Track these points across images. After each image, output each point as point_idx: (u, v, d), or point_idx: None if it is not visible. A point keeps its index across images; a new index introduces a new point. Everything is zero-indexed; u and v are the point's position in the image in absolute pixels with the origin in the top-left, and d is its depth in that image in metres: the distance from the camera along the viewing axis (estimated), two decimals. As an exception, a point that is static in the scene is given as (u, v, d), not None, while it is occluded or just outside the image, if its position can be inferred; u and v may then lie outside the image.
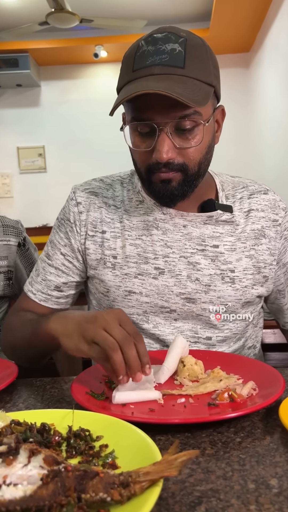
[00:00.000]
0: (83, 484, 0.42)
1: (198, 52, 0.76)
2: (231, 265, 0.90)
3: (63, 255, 0.95)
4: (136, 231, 0.91)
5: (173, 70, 0.74)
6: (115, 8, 3.95)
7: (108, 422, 0.58)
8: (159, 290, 0.89)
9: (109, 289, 0.91)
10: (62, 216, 0.97)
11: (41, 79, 4.80)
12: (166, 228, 0.90)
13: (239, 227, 0.91)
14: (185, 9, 4.14)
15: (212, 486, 0.46)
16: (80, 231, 0.93)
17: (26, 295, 0.96)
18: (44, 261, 0.96)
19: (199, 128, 0.79)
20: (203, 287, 0.89)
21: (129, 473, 0.43)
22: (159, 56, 0.75)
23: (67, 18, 3.31)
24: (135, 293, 0.90)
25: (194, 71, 0.75)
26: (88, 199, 0.94)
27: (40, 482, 0.42)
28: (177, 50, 0.75)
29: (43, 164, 4.81)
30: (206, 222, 0.90)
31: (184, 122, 0.77)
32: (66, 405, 0.71)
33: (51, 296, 0.95)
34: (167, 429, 0.59)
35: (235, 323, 0.93)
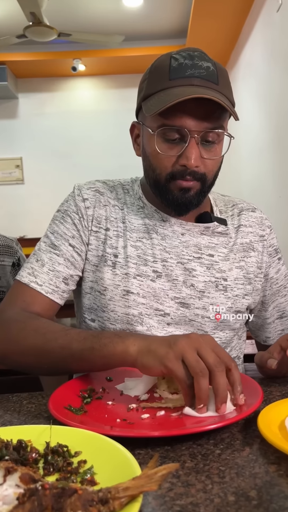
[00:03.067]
0: (61, 502, 0.41)
1: (224, 74, 0.84)
2: (224, 274, 0.94)
3: (72, 247, 0.92)
4: (137, 233, 0.93)
5: (210, 84, 0.81)
6: (93, 23, 4.00)
7: (86, 437, 0.57)
8: (156, 293, 0.91)
9: (106, 288, 0.91)
10: (66, 208, 0.95)
11: (18, 91, 4.80)
12: (165, 234, 0.93)
13: (231, 240, 0.97)
14: (162, 26, 4.23)
15: (192, 500, 0.45)
16: (88, 226, 0.93)
17: (28, 287, 0.89)
18: (49, 252, 0.92)
19: (221, 142, 0.86)
20: (198, 293, 0.92)
21: (108, 489, 0.42)
22: (197, 70, 0.81)
23: (45, 32, 3.33)
24: (132, 294, 0.90)
25: (225, 90, 0.83)
26: (94, 196, 0.95)
27: (16, 502, 0.41)
28: (211, 68, 0.82)
29: (21, 175, 4.77)
30: (203, 232, 0.94)
31: (212, 134, 0.83)
32: (43, 420, 0.69)
33: (58, 288, 0.90)
34: (147, 442, 0.59)
35: (225, 332, 0.95)
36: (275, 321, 1.03)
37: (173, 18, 4.11)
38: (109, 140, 4.64)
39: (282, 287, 1.02)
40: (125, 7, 3.81)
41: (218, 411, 0.63)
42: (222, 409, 0.62)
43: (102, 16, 3.92)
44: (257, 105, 3.62)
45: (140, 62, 4.45)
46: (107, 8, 3.79)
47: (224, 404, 0.63)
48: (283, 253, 1.05)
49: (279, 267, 1.02)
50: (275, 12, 3.00)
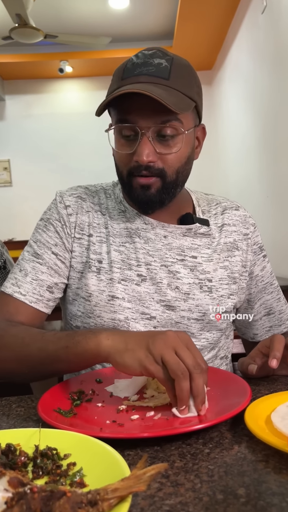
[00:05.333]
0: (49, 505, 0.41)
1: (182, 69, 0.84)
2: (208, 275, 0.94)
3: (55, 255, 0.92)
4: (120, 238, 0.93)
5: (158, 80, 0.81)
6: (79, 25, 3.99)
7: (76, 440, 0.57)
8: (141, 297, 0.91)
9: (91, 294, 0.91)
10: (48, 216, 0.95)
11: (5, 93, 4.77)
12: (148, 237, 0.93)
13: (215, 240, 0.97)
14: (149, 27, 4.25)
15: (181, 499, 0.46)
16: (70, 233, 0.93)
17: (12, 298, 0.89)
18: (32, 261, 0.92)
19: (179, 136, 0.83)
20: (183, 295, 0.92)
21: (97, 490, 0.42)
22: (146, 68, 0.82)
23: (31, 34, 3.32)
24: (118, 298, 0.90)
25: (178, 84, 0.82)
26: (77, 203, 0.95)
27: (4, 506, 0.41)
28: (164, 64, 0.82)
29: (8, 178, 4.74)
30: (185, 234, 0.94)
31: (165, 128, 0.82)
32: (33, 424, 0.69)
33: (43, 297, 0.91)
34: (136, 443, 0.59)
35: (212, 332, 0.95)
36: (262, 318, 1.04)
37: (159, 19, 4.12)
38: (97, 141, 4.63)
39: (268, 284, 1.03)
40: (112, 9, 3.82)
41: (199, 412, 0.63)
42: (203, 410, 0.64)
43: (88, 18, 3.92)
44: (244, 106, 3.65)
45: (127, 64, 4.46)
46: (93, 9, 3.79)
47: (204, 404, 0.64)
48: (272, 253, 1.07)
49: (264, 265, 1.02)
50: (260, 14, 3.03)
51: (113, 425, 0.64)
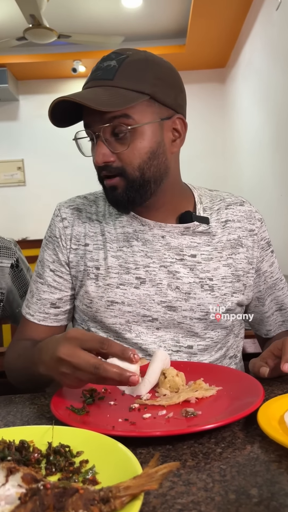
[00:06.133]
0: (62, 501, 0.41)
1: (134, 65, 0.83)
2: (209, 273, 0.92)
3: (53, 271, 0.96)
4: (117, 243, 0.93)
5: (102, 82, 0.82)
6: (92, 24, 4.01)
7: (88, 437, 0.57)
8: (141, 299, 0.91)
9: (92, 300, 0.92)
10: (49, 233, 0.99)
11: (19, 93, 4.81)
12: (146, 239, 0.92)
13: (216, 237, 0.94)
14: (162, 26, 4.24)
15: (193, 498, 0.45)
16: (66, 245, 0.96)
17: (25, 319, 0.98)
18: (36, 282, 0.98)
19: (132, 132, 0.83)
20: (183, 295, 0.91)
21: (109, 488, 0.43)
22: (95, 72, 0.84)
23: (45, 34, 3.34)
24: (117, 303, 0.91)
25: (122, 82, 0.81)
26: (73, 215, 0.97)
27: (18, 502, 0.41)
28: (112, 65, 0.82)
29: (22, 177, 4.79)
30: (184, 233, 0.93)
31: (113, 127, 0.82)
32: (46, 421, 0.69)
33: (49, 314, 0.96)
34: (148, 442, 0.59)
35: (216, 331, 0.94)
36: (274, 313, 1.02)
37: (172, 18, 4.11)
38: (110, 140, 4.64)
39: (278, 280, 1.01)
40: (125, 8, 3.82)
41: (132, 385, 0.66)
42: (133, 382, 0.65)
43: (101, 17, 3.93)
44: (257, 104, 3.62)
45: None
46: (106, 9, 3.80)
47: (132, 378, 0.65)
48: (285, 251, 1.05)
49: (273, 260, 1.01)
50: (275, 11, 3.00)
51: (125, 423, 0.65)
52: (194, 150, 4.70)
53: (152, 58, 0.86)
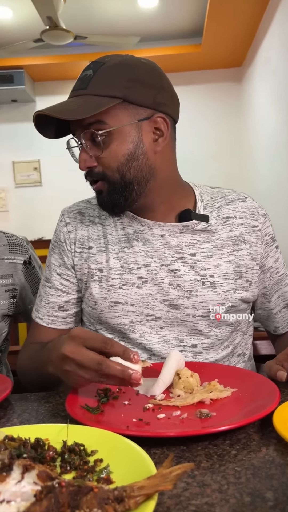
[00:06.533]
0: (77, 500, 0.42)
1: (107, 71, 0.85)
2: (210, 271, 0.93)
3: (59, 275, 0.99)
4: (119, 245, 0.95)
5: (78, 92, 0.86)
6: (108, 25, 4.02)
7: (103, 436, 0.58)
8: (144, 299, 0.92)
9: (96, 302, 0.95)
10: (54, 238, 1.02)
11: (36, 95, 4.86)
12: (146, 238, 0.94)
13: (215, 234, 0.95)
14: (178, 25, 4.22)
15: (208, 500, 0.45)
16: (70, 249, 0.98)
17: (35, 322, 1.01)
18: (44, 286, 1.01)
19: (109, 136, 0.85)
20: (185, 292, 0.92)
21: (124, 487, 0.43)
22: (76, 84, 0.88)
23: (61, 35, 3.36)
24: (120, 303, 0.93)
25: (95, 89, 0.84)
26: (76, 219, 1.00)
27: (33, 499, 0.42)
28: (88, 74, 0.86)
29: (39, 178, 4.83)
30: (183, 231, 0.94)
31: (89, 133, 0.85)
32: (61, 419, 0.70)
33: (57, 317, 0.99)
34: (162, 442, 0.59)
35: (221, 328, 0.94)
36: (282, 310, 1.02)
37: (188, 17, 4.09)
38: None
39: (284, 276, 1.00)
40: (141, 8, 3.82)
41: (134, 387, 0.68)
42: (134, 384, 0.67)
43: (117, 18, 3.94)
44: (274, 102, 3.58)
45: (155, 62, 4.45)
46: (122, 9, 3.81)
47: (134, 376, 0.66)
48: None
49: (278, 256, 1.00)
50: (292, 9, 2.96)
51: (139, 423, 0.65)
52: (209, 150, 4.67)
53: (127, 61, 0.87)
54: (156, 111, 0.88)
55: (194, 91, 4.72)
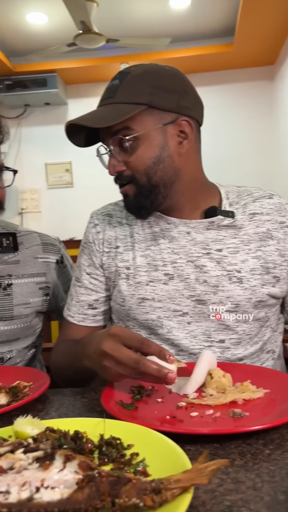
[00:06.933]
0: (116, 489, 0.44)
1: (132, 80, 0.89)
2: (236, 266, 0.94)
3: (89, 275, 1.04)
4: (145, 243, 0.99)
5: (106, 101, 0.91)
6: (140, 27, 4.05)
7: (138, 431, 0.59)
8: (170, 295, 0.94)
9: (124, 298, 0.98)
10: (84, 240, 1.07)
11: (68, 97, 4.95)
12: (172, 236, 0.97)
13: (242, 230, 0.96)
14: (209, 25, 4.20)
15: (242, 496, 0.46)
16: (99, 249, 1.03)
17: (66, 320, 1.06)
18: (74, 285, 1.06)
19: (136, 141, 0.89)
20: (211, 288, 0.93)
21: (161, 480, 0.44)
22: (104, 94, 0.93)
23: (94, 39, 3.42)
24: (148, 300, 0.95)
25: (121, 97, 0.88)
26: (104, 220, 1.05)
27: (75, 486, 0.44)
28: (115, 84, 0.90)
29: (70, 179, 4.92)
30: (209, 227, 0.96)
31: (117, 139, 0.89)
32: (96, 414, 0.72)
33: (87, 315, 1.03)
34: (196, 439, 0.60)
35: (248, 323, 0.95)
36: None
37: (220, 17, 4.07)
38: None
39: None
40: (172, 9, 3.83)
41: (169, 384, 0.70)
42: (169, 382, 0.69)
43: (149, 19, 3.96)
44: (308, 101, 3.51)
45: (186, 62, 4.44)
46: (154, 11, 3.82)
47: (169, 375, 0.68)
48: None
49: None
50: None
51: (173, 420, 0.66)
52: (242, 150, 4.62)
53: (151, 69, 0.91)
54: (181, 115, 0.91)
55: (225, 91, 4.68)
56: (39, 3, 3.53)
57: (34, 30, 3.96)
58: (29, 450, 0.50)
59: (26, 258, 1.16)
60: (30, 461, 0.48)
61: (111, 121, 0.86)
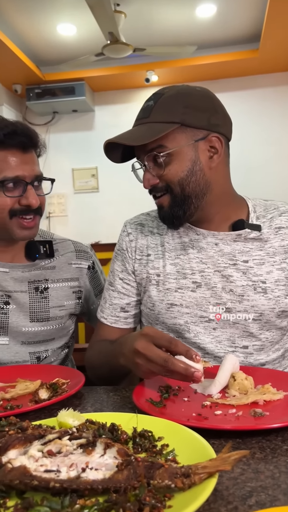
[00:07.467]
0: (151, 472, 0.50)
1: (166, 100, 0.96)
2: (261, 277, 0.99)
3: (121, 280, 1.11)
4: (175, 252, 1.05)
5: (141, 121, 0.98)
6: (166, 35, 4.12)
7: (168, 426, 0.66)
8: (198, 302, 1.01)
9: (154, 304, 1.05)
10: (118, 247, 1.15)
11: (95, 104, 5.07)
12: (201, 246, 1.03)
13: (268, 243, 1.02)
14: (235, 32, 4.24)
15: (262, 484, 0.52)
16: (131, 256, 1.10)
17: (100, 322, 1.13)
18: (108, 289, 1.14)
19: (169, 157, 0.95)
20: (237, 297, 0.99)
21: (189, 466, 0.51)
22: (139, 113, 0.99)
23: (122, 49, 3.51)
24: (176, 305, 1.02)
25: (156, 117, 0.95)
26: (137, 229, 1.12)
27: (115, 469, 0.51)
28: (150, 105, 0.97)
29: (96, 184, 5.03)
30: (236, 239, 1.01)
31: (152, 155, 0.96)
32: (128, 410, 0.79)
33: (119, 317, 1.11)
34: (220, 435, 0.66)
35: (271, 331, 1.01)
36: None
37: (246, 23, 4.10)
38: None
39: None
40: (198, 18, 3.89)
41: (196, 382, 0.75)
42: (196, 379, 0.74)
43: (175, 28, 4.03)
44: None
45: (212, 69, 4.50)
46: (180, 20, 3.90)
47: (196, 374, 0.74)
48: None
49: None
50: None
51: (198, 417, 0.73)
52: (267, 154, 4.63)
53: (184, 90, 0.97)
54: (211, 132, 0.97)
55: (250, 96, 4.71)
56: (69, 15, 3.66)
57: (63, 41, 4.10)
58: (74, 437, 0.57)
59: (61, 264, 1.24)
60: (75, 447, 0.56)
61: (147, 140, 0.93)
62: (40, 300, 1.19)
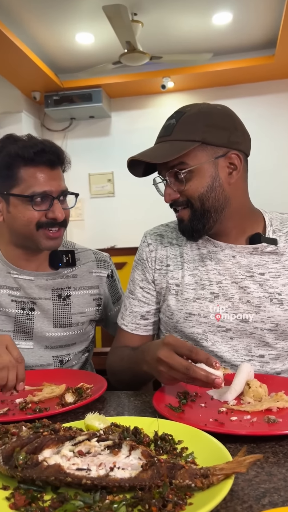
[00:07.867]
0: (173, 473, 0.55)
1: (188, 119, 1.00)
2: (277, 289, 1.04)
3: (142, 289, 1.16)
4: (193, 263, 1.09)
5: (163, 138, 1.02)
6: (182, 43, 4.17)
7: (187, 430, 0.71)
8: (215, 312, 1.04)
9: (172, 313, 1.09)
10: (138, 257, 1.19)
11: (111, 110, 5.15)
12: (218, 258, 1.07)
13: (284, 256, 1.06)
14: (251, 39, 4.27)
15: (274, 485, 0.57)
16: (152, 266, 1.14)
17: (121, 328, 1.17)
18: (128, 297, 1.19)
19: (190, 173, 0.99)
20: (254, 308, 1.03)
21: (208, 468, 0.56)
22: (161, 131, 1.04)
23: (139, 57, 3.58)
24: (194, 315, 1.06)
25: (178, 135, 0.99)
26: (156, 240, 1.17)
27: (140, 469, 0.56)
28: (172, 123, 1.01)
29: (112, 189, 5.10)
30: (253, 252, 1.06)
31: (173, 172, 1.00)
32: (149, 414, 0.84)
33: (139, 324, 1.15)
34: (235, 440, 0.71)
35: (287, 341, 1.05)
36: None
37: (262, 30, 4.13)
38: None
39: None
40: (214, 25, 3.93)
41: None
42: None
43: (191, 36, 4.08)
44: None
45: (228, 75, 4.53)
46: (196, 27, 3.94)
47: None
48: None
49: None
50: None
51: (215, 423, 0.77)
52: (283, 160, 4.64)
53: (205, 109, 1.01)
54: (231, 149, 1.01)
55: (266, 101, 4.73)
56: (87, 25, 3.74)
57: (82, 49, 4.19)
58: (101, 439, 0.63)
59: (82, 273, 1.30)
60: (102, 448, 0.61)
61: (169, 158, 0.97)
62: (63, 307, 1.25)
